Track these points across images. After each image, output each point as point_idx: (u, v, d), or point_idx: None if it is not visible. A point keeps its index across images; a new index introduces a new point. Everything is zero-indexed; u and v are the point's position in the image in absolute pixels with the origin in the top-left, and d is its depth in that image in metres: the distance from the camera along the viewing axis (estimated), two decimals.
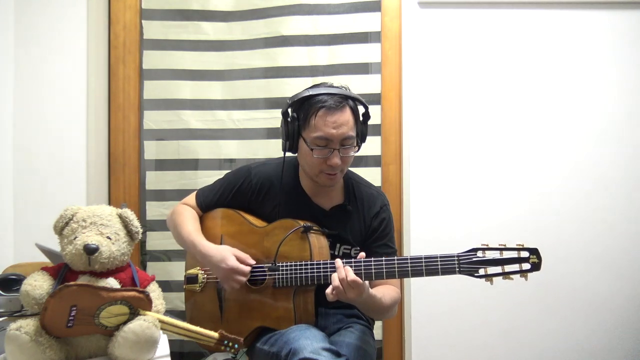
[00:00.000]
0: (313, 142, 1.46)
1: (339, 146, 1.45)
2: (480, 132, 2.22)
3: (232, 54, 2.32)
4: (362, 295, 1.35)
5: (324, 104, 1.45)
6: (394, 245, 1.61)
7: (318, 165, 1.48)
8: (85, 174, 2.19)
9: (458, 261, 1.34)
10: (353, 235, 1.56)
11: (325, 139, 1.44)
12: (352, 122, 1.47)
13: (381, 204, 1.60)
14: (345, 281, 1.31)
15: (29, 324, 1.05)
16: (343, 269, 1.34)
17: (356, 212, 1.58)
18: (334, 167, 1.46)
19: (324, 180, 1.50)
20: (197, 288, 1.56)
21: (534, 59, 2.22)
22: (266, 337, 1.45)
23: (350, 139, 1.46)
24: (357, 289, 1.32)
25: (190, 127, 2.31)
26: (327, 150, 1.45)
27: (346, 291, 1.32)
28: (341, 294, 1.33)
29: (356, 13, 2.29)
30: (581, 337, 2.20)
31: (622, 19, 2.22)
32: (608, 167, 2.21)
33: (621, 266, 2.20)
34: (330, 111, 1.44)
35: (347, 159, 1.49)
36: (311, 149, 1.46)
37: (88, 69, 2.20)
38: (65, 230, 1.17)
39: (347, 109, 1.47)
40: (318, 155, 1.46)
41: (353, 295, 1.33)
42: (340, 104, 1.45)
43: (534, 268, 1.32)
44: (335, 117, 1.44)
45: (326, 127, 1.44)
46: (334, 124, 1.44)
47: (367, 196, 1.60)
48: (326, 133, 1.44)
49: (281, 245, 1.46)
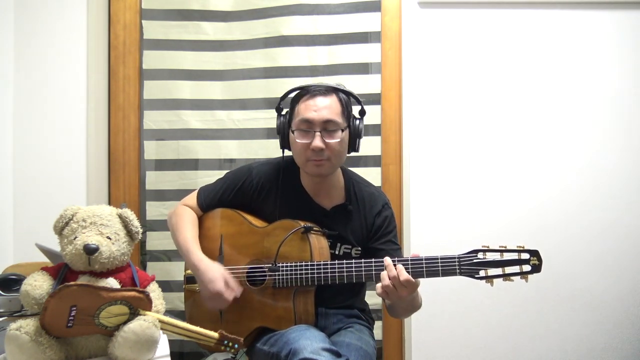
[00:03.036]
0: (296, 127, 1.48)
1: (320, 129, 1.45)
2: (481, 132, 2.22)
3: (232, 54, 2.32)
4: (413, 293, 1.35)
5: (309, 92, 1.49)
6: (398, 242, 1.60)
7: (303, 151, 1.48)
8: (85, 174, 2.19)
9: (459, 262, 1.34)
10: (354, 234, 1.56)
11: (307, 122, 1.46)
12: (336, 107, 1.47)
13: (383, 203, 1.60)
14: (398, 280, 1.31)
15: (29, 324, 1.04)
16: (394, 267, 1.33)
17: (357, 211, 1.57)
18: (317, 152, 1.46)
19: (311, 168, 1.50)
20: (197, 288, 1.56)
21: (534, 59, 2.22)
22: (266, 338, 1.45)
23: (333, 123, 1.46)
24: (410, 287, 1.32)
25: (190, 127, 2.31)
26: (309, 135, 1.46)
27: (398, 290, 1.32)
28: (392, 293, 1.32)
29: (356, 13, 2.29)
30: (581, 337, 2.20)
31: (623, 19, 2.22)
32: (609, 167, 2.21)
33: (621, 267, 2.20)
34: (313, 96, 1.48)
35: (332, 145, 1.46)
36: (293, 132, 1.49)
37: (88, 69, 2.20)
38: (65, 230, 1.16)
39: (333, 96, 1.49)
40: (300, 139, 1.47)
41: (406, 293, 1.32)
42: (324, 91, 1.48)
43: (535, 270, 1.32)
44: (317, 100, 1.47)
45: (307, 110, 1.47)
46: (315, 107, 1.46)
47: (368, 195, 1.60)
48: (307, 116, 1.46)
49: (281, 246, 1.45)
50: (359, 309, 1.62)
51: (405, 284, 1.31)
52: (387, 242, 1.56)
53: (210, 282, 1.44)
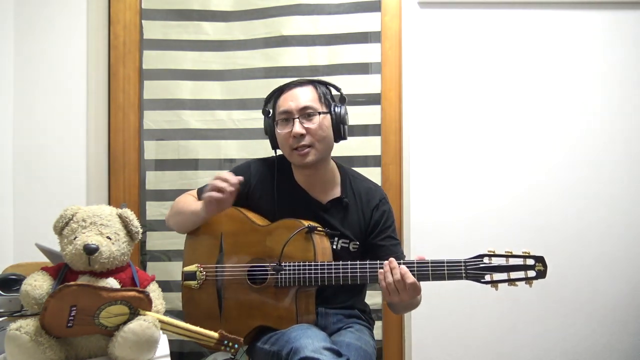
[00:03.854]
0: (277, 118, 1.54)
1: (299, 115, 1.50)
2: (481, 132, 2.22)
3: (232, 54, 2.32)
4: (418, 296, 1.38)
5: (287, 86, 1.55)
6: (397, 236, 1.61)
7: (286, 141, 1.52)
8: (85, 173, 2.19)
9: (465, 267, 1.35)
10: (351, 228, 1.56)
11: (285, 112, 1.52)
12: (312, 95, 1.53)
13: (380, 197, 1.61)
14: (402, 283, 1.32)
15: (29, 324, 1.04)
16: (398, 270, 1.34)
17: (354, 205, 1.58)
18: (299, 138, 1.49)
19: (296, 158, 1.53)
20: (195, 285, 1.55)
21: (534, 59, 2.22)
22: (267, 337, 1.45)
23: (310, 109, 1.51)
24: (414, 291, 1.35)
25: (190, 127, 2.31)
26: (289, 124, 1.51)
27: (401, 293, 1.34)
28: (394, 294, 1.35)
29: (356, 13, 2.29)
30: (581, 337, 2.20)
31: (624, 19, 2.22)
32: (610, 168, 2.21)
33: (622, 267, 2.20)
34: (289, 89, 1.54)
35: (313, 130, 1.50)
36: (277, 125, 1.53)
37: (88, 69, 2.20)
38: (65, 230, 1.16)
39: (309, 86, 1.55)
40: (281, 129, 1.52)
41: (408, 297, 1.35)
42: (300, 83, 1.55)
43: (539, 276, 1.34)
44: (293, 91, 1.54)
45: (285, 101, 1.53)
46: (292, 96, 1.53)
47: (364, 190, 1.61)
48: (285, 107, 1.52)
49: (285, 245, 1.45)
50: (359, 310, 1.62)
51: (410, 287, 1.32)
52: (387, 237, 1.57)
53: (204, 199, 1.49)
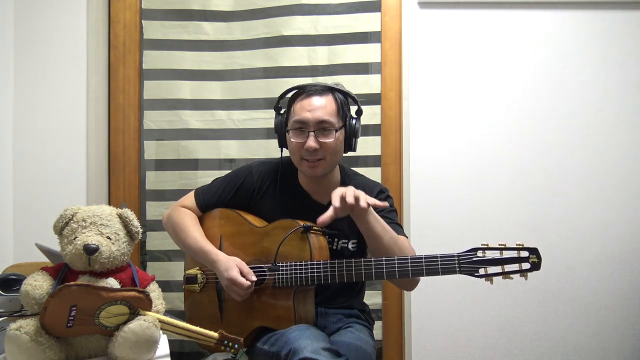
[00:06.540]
0: (291, 126, 1.50)
1: (314, 129, 1.46)
2: (481, 132, 2.22)
3: (232, 54, 2.32)
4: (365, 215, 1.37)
5: (305, 91, 1.50)
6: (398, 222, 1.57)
7: (298, 151, 1.49)
8: (85, 173, 2.19)
9: (458, 261, 1.34)
10: (350, 228, 1.55)
11: (301, 122, 1.47)
12: (331, 107, 1.48)
13: (377, 190, 1.59)
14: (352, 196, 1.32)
15: (29, 324, 1.04)
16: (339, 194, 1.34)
17: None
18: (311, 152, 1.46)
19: (305, 168, 1.51)
20: (197, 288, 1.56)
21: (534, 59, 2.22)
22: (266, 337, 1.45)
23: (327, 123, 1.47)
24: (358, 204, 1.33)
25: (190, 127, 2.31)
26: (303, 135, 1.47)
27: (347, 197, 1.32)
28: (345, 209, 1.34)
29: (356, 13, 2.29)
30: (581, 337, 2.20)
31: (624, 19, 2.21)
32: (609, 166, 2.21)
33: (622, 266, 2.20)
34: (308, 96, 1.49)
35: (327, 145, 1.47)
36: (289, 132, 1.50)
37: (88, 69, 2.20)
38: (65, 230, 1.16)
39: (328, 95, 1.50)
40: (294, 139, 1.49)
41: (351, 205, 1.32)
42: (320, 91, 1.49)
43: (534, 268, 1.32)
44: (312, 100, 1.48)
45: (302, 110, 1.48)
46: (310, 106, 1.47)
47: (361, 186, 1.59)
48: (301, 116, 1.47)
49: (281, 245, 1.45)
50: (358, 309, 1.62)
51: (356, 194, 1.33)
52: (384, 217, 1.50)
53: (225, 270, 1.44)
